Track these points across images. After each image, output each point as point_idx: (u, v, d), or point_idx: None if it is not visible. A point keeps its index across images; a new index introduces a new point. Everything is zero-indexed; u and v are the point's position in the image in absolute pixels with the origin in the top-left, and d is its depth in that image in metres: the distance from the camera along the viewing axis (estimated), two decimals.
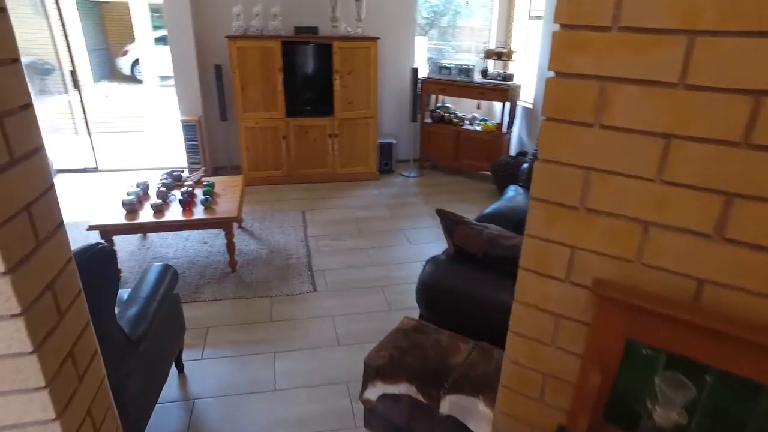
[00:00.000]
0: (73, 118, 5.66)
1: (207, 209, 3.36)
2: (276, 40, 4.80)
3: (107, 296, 1.58)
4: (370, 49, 4.97)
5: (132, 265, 3.57)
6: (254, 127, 5.08)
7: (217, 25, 5.15)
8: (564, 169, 0.93)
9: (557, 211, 0.97)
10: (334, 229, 4.24)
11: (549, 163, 0.95)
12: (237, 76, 4.86)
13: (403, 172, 5.73)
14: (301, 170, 5.32)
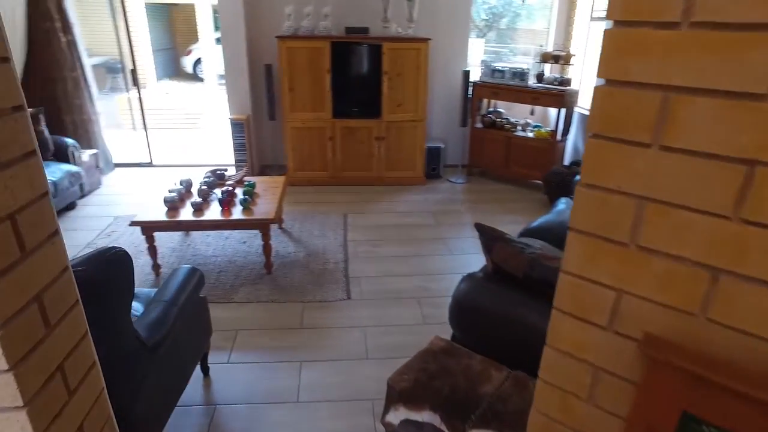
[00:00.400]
0: (131, 115, 5.85)
1: (245, 210, 3.33)
2: (325, 41, 4.75)
3: (122, 301, 1.53)
4: (420, 50, 4.83)
5: (172, 261, 3.60)
6: (301, 127, 5.06)
7: (268, 25, 5.17)
8: (612, 196, 0.76)
9: (601, 246, 0.80)
10: (375, 234, 4.13)
11: (593, 189, 0.78)
12: (285, 76, 4.85)
13: (450, 177, 5.55)
14: (346, 172, 5.25)
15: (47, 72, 5.16)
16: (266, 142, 5.67)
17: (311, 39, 4.78)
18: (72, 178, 4.31)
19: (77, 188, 4.51)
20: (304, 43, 4.77)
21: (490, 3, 16.51)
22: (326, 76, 4.87)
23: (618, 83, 0.72)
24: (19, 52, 4.95)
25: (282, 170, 5.48)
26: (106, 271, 1.43)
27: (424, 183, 5.36)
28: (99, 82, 12.07)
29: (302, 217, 4.41)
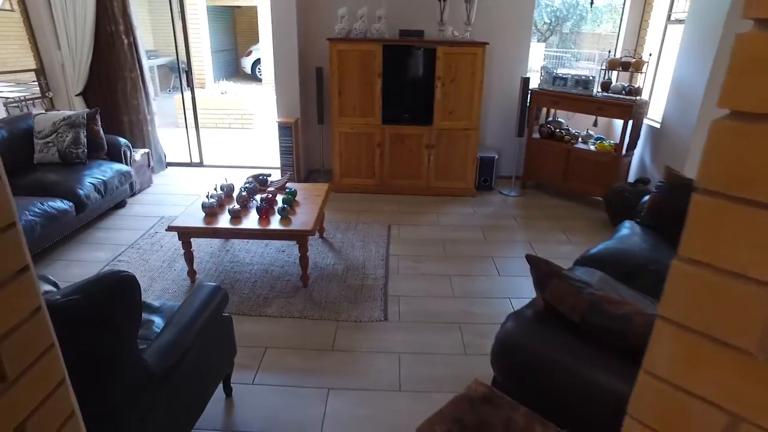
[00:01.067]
0: (184, 115, 5.92)
1: (283, 219, 3.20)
2: (377, 44, 4.58)
3: (126, 330, 1.40)
4: (476, 55, 4.57)
5: (209, 267, 3.53)
6: (349, 132, 4.91)
7: (321, 27, 5.07)
8: (734, 284, 0.52)
9: (710, 349, 0.56)
10: (419, 249, 3.91)
11: (702, 269, 0.54)
12: (335, 79, 4.72)
13: (503, 190, 5.25)
14: (394, 180, 5.06)
15: (109, 72, 5.28)
16: (314, 146, 5.57)
17: (363, 42, 4.62)
18: (122, 177, 4.35)
19: (127, 187, 4.56)
20: (355, 46, 4.62)
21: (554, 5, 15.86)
22: (377, 81, 4.70)
23: (755, 117, 0.48)
24: (86, 53, 5.09)
25: (329, 176, 5.36)
26: (106, 300, 1.30)
27: (474, 195, 5.08)
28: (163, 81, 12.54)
29: (345, 227, 4.26)
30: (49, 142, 4.12)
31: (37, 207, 3.44)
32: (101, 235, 4.06)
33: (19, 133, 4.12)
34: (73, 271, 3.49)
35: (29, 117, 4.23)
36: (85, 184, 3.89)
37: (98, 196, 4.00)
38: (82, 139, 4.16)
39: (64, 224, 3.69)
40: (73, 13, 4.97)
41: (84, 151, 4.16)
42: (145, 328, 2.01)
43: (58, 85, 5.34)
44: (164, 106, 11.04)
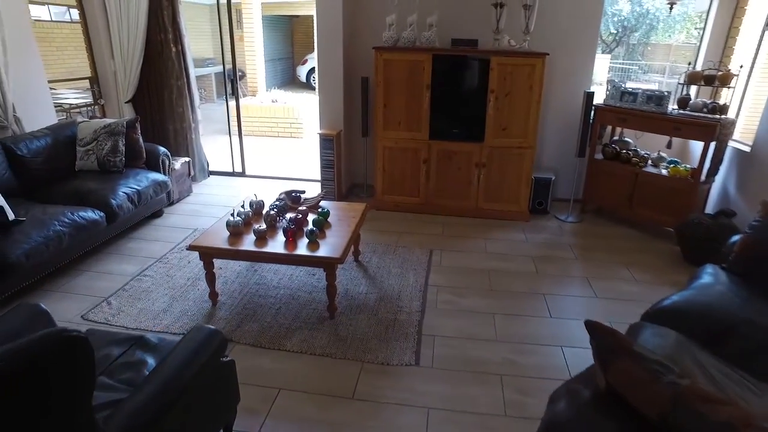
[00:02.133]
0: (228, 124, 5.84)
1: (311, 243, 2.93)
2: (426, 53, 4.27)
3: (77, 399, 1.15)
4: (535, 66, 4.16)
5: (233, 289, 3.32)
6: (393, 147, 4.62)
7: (368, 35, 4.82)
8: None
9: None
10: (461, 279, 3.54)
11: None
12: (380, 90, 4.45)
13: (559, 215, 4.77)
14: (440, 200, 4.71)
15: (156, 80, 5.27)
16: (357, 159, 5.32)
17: (411, 51, 4.33)
18: (158, 187, 4.25)
19: (164, 196, 4.46)
20: (403, 55, 4.33)
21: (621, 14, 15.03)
22: (425, 93, 4.38)
23: None
24: (136, 61, 5.09)
25: (371, 191, 5.09)
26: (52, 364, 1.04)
27: (527, 219, 4.64)
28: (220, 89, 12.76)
29: (383, 250, 3.95)
30: (90, 150, 4.08)
31: (67, 217, 3.35)
32: (132, 246, 3.96)
33: (64, 141, 4.10)
34: (99, 284, 3.38)
35: (73, 125, 4.21)
36: (118, 193, 3.80)
37: (131, 206, 3.90)
38: (120, 148, 4.09)
39: (94, 234, 3.60)
40: (127, 22, 4.98)
41: (122, 159, 4.09)
42: (134, 371, 1.78)
43: (110, 92, 5.38)
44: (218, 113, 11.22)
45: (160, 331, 2.84)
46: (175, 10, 5.03)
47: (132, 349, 1.92)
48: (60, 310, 3.06)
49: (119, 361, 1.85)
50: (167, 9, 4.99)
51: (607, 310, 3.19)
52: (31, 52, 4.30)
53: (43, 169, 3.87)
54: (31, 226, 3.16)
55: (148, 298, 3.19)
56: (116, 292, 3.26)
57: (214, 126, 9.10)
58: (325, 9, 4.57)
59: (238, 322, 2.93)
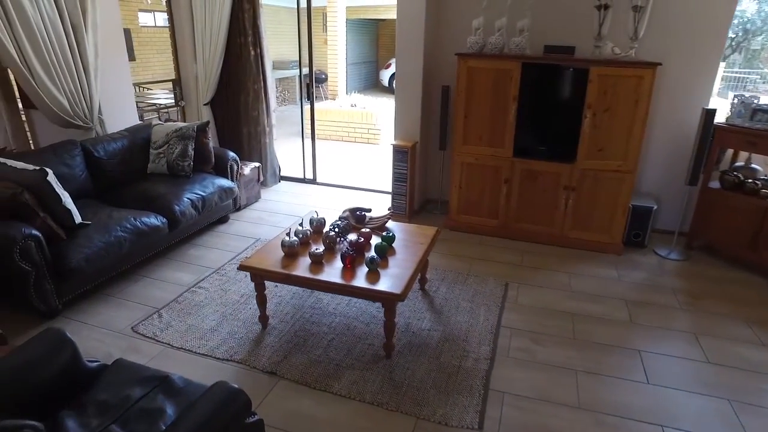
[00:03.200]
0: (301, 130, 5.70)
1: (370, 273, 2.62)
2: (515, 61, 3.83)
3: None
4: (643, 78, 3.58)
5: (286, 311, 3.09)
6: (472, 163, 4.21)
7: (451, 40, 4.46)
8: None
9: None
10: (540, 322, 3.08)
11: None
12: (461, 100, 4.06)
13: (659, 249, 4.12)
14: (520, 224, 4.24)
15: (234, 83, 5.24)
16: (433, 174, 4.96)
17: (499, 58, 3.90)
18: (223, 193, 4.15)
19: (230, 202, 4.37)
20: (489, 63, 3.92)
21: (744, 16, 13.48)
22: (511, 105, 3.94)
23: None
24: (216, 64, 5.08)
25: (445, 208, 4.72)
26: None
27: (619, 252, 4.05)
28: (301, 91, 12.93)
29: (453, 278, 3.57)
30: (161, 153, 4.05)
31: (129, 223, 3.29)
32: (193, 253, 3.87)
33: (139, 143, 4.11)
34: (153, 292, 3.29)
35: (149, 127, 4.22)
36: (183, 199, 3.72)
37: (194, 212, 3.81)
38: (190, 152, 4.03)
39: (155, 240, 3.54)
40: (210, 25, 4.98)
41: (190, 164, 4.03)
42: (150, 422, 1.56)
43: (190, 94, 5.43)
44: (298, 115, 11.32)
45: (204, 354, 2.66)
46: (256, 13, 4.95)
47: (154, 392, 1.70)
48: (114, 318, 2.99)
49: (138, 405, 1.65)
50: (248, 12, 4.93)
51: (722, 381, 2.59)
52: (120, 57, 4.38)
53: (117, 171, 3.89)
54: (95, 229, 3.12)
55: (198, 314, 3.04)
56: (169, 304, 3.15)
57: (292, 129, 9.13)
58: (407, 11, 4.26)
59: (285, 352, 2.69)
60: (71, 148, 3.61)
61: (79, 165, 3.62)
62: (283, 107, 12.44)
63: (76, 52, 3.87)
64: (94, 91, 4.05)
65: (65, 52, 3.78)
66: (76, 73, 3.90)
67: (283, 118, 10.72)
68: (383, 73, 15.10)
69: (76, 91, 3.92)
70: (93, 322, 2.96)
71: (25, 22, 3.46)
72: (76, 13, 3.83)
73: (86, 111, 4.03)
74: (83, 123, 4.03)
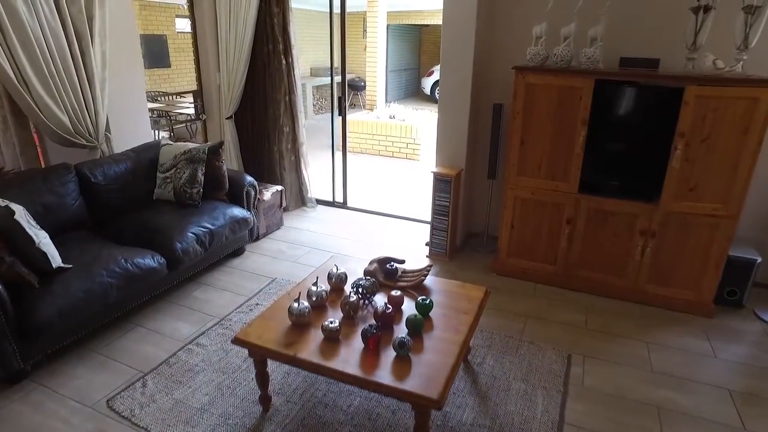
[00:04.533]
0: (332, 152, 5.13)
1: (398, 360, 1.99)
2: (587, 77, 3.13)
3: None
4: (759, 101, 2.81)
5: (294, 387, 2.48)
6: (528, 198, 3.53)
7: (507, 49, 3.79)
8: None
9: None
10: (615, 417, 2.36)
11: None
12: (518, 123, 3.39)
13: (762, 312, 3.32)
14: (583, 272, 3.52)
15: (260, 95, 4.73)
16: (479, 204, 4.29)
17: (566, 73, 3.21)
18: (236, 225, 3.62)
19: (245, 234, 3.84)
20: (553, 79, 3.23)
21: None
22: (579, 130, 3.24)
23: None
24: (241, 74, 4.60)
25: (492, 245, 4.05)
26: None
27: (710, 314, 3.26)
28: None
29: (502, 344, 2.89)
30: (168, 177, 3.56)
31: (119, 266, 2.78)
32: (198, 296, 3.35)
33: (145, 165, 3.64)
34: (144, 348, 2.77)
35: (157, 147, 3.74)
36: (186, 235, 3.20)
37: (200, 249, 3.29)
38: (199, 177, 3.51)
39: (151, 284, 3.03)
40: (235, 30, 4.49)
41: (199, 191, 3.51)
42: None
43: (212, 107, 4.97)
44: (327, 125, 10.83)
45: None
46: (286, 18, 4.43)
47: None
48: (90, 385, 2.48)
49: None
50: (277, 17, 4.41)
51: None
52: (133, 67, 3.94)
53: (117, 198, 3.41)
54: (76, 274, 2.63)
55: (190, 384, 2.49)
56: (158, 367, 2.61)
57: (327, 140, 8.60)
58: (454, 16, 3.63)
59: None
60: (63, 173, 3.15)
61: (71, 192, 3.16)
62: (320, 115, 11.99)
63: (80, 62, 3.43)
64: (99, 106, 3.61)
65: (67, 63, 3.34)
66: (79, 87, 3.46)
67: (319, 128, 10.25)
68: (425, 80, 14.47)
69: (78, 106, 3.48)
70: (64, 391, 2.45)
71: (20, 29, 3.03)
72: (80, 20, 3.39)
73: (90, 128, 3.59)
74: (87, 142, 3.59)
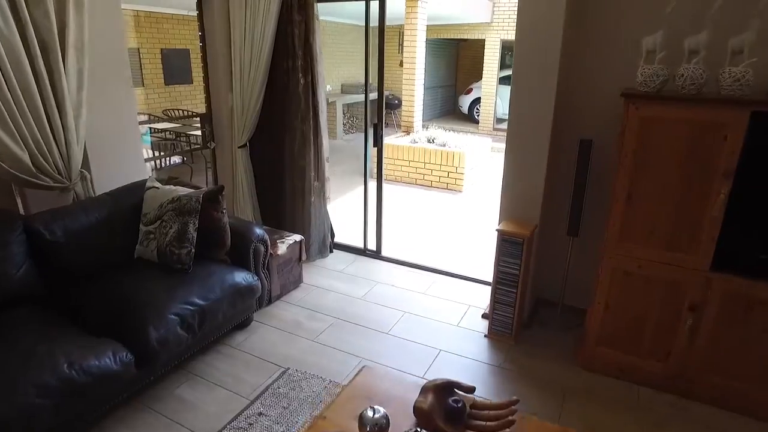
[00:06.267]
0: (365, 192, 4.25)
1: None
2: (741, 109, 2.16)
3: None
4: None
5: None
6: (634, 272, 2.55)
7: (600, 68, 2.85)
8: None
9: None
10: None
11: None
12: (625, 170, 2.43)
13: None
14: (708, 377, 2.51)
15: (278, 120, 3.91)
16: (553, 264, 3.32)
17: (704, 104, 2.24)
18: (238, 296, 2.76)
19: (252, 303, 2.97)
20: (683, 111, 2.27)
21: None
22: (719, 183, 2.26)
23: None
24: (256, 93, 3.79)
25: (573, 319, 3.08)
26: None
27: None
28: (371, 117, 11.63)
29: None
30: (152, 232, 2.73)
31: (59, 375, 1.93)
32: (182, 395, 2.48)
33: (125, 213, 2.82)
34: None
35: (140, 189, 2.92)
36: (166, 317, 2.34)
37: (186, 335, 2.42)
38: (190, 234, 2.66)
39: (112, 391, 2.17)
40: (251, 41, 3.69)
41: (189, 252, 2.65)
42: None
43: (223, 133, 4.17)
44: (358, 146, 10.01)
45: None
46: (309, 28, 3.60)
47: None
48: None
49: None
50: (299, 26, 3.59)
51: None
52: (121, 86, 3.17)
53: (82, 259, 2.59)
54: None
55: None
56: None
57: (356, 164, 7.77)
58: (532, 21, 2.70)
59: None
60: (4, 231, 2.34)
61: (14, 257, 2.34)
62: (351, 135, 11.20)
63: (45, 82, 2.65)
64: (72, 137, 2.82)
65: (26, 83, 2.56)
66: (44, 113, 2.68)
67: (349, 149, 9.45)
68: (463, 99, 13.57)
69: (43, 138, 2.70)
70: None
71: None
72: (46, 27, 2.61)
73: (60, 165, 2.80)
74: (55, 183, 2.80)
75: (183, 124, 6.91)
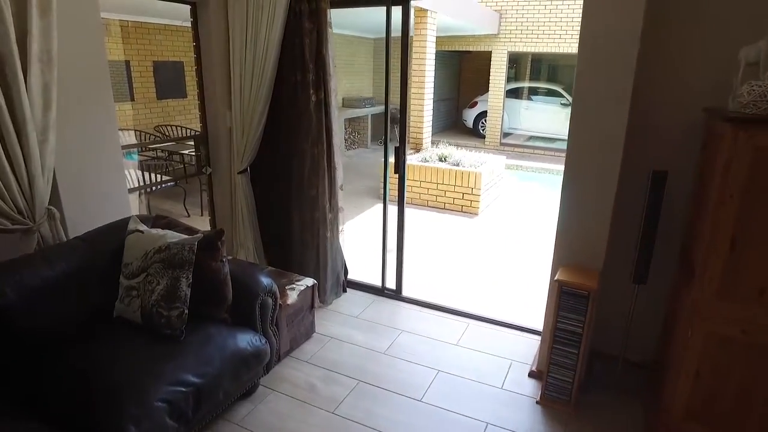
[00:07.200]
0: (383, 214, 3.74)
1: None
2: None
3: None
4: None
5: None
6: (735, 337, 2.05)
7: (679, 85, 2.37)
8: None
9: None
10: None
11: None
12: (729, 211, 1.94)
13: None
14: None
15: (286, 141, 3.40)
16: (611, 313, 2.80)
17: None
18: (242, 367, 2.23)
19: (259, 370, 2.44)
20: None
21: None
22: None
23: None
24: (259, 112, 3.29)
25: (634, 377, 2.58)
26: None
27: None
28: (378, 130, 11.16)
29: None
30: (134, 287, 2.20)
31: None
32: None
33: (103, 260, 2.31)
34: None
35: (121, 230, 2.40)
36: (151, 405, 1.80)
37: (176, 425, 1.89)
38: (182, 292, 2.14)
39: None
40: (253, 51, 3.21)
41: (182, 314, 2.12)
42: None
43: (220, 156, 3.66)
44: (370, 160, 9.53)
45: None
46: (322, 37, 3.12)
47: None
48: None
49: None
50: (310, 35, 3.10)
51: None
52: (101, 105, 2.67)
53: (43, 325, 2.06)
54: None
55: None
56: None
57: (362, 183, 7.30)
58: (601, 31, 2.23)
59: None
60: None
61: None
62: (352, 151, 10.73)
63: (1, 102, 2.14)
64: (35, 168, 2.30)
65: None
66: None
67: (351, 166, 8.97)
68: (467, 112, 13.15)
69: None
70: None
71: None
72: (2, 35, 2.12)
73: (20, 203, 2.29)
74: (14, 225, 2.29)
75: (176, 142, 6.40)
